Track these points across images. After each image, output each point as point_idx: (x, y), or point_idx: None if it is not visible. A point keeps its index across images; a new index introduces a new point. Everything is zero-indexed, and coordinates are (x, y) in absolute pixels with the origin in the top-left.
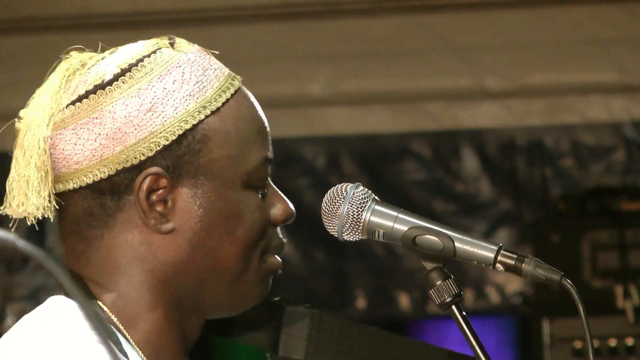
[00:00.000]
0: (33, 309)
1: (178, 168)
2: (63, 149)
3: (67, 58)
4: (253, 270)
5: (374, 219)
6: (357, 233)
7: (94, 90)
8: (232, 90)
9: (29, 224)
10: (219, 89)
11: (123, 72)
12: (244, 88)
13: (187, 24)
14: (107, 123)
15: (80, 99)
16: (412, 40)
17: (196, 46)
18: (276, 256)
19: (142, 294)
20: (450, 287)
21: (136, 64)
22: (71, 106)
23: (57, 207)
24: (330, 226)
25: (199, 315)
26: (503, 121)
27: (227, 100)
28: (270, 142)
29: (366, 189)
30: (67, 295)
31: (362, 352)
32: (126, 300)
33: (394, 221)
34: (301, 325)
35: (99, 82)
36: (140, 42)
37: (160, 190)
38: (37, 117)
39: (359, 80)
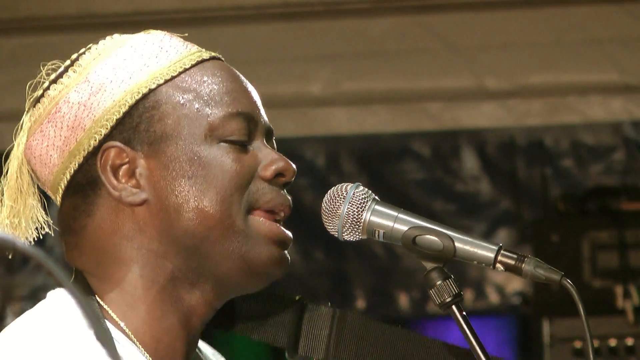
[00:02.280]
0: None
1: (136, 138)
2: (40, 154)
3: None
4: (240, 226)
5: (374, 219)
6: (357, 233)
7: (48, 87)
8: (193, 61)
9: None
10: (178, 61)
11: (72, 62)
12: (220, 62)
13: (187, 24)
14: (65, 113)
15: (39, 99)
16: (412, 40)
17: (163, 32)
18: (272, 223)
19: (135, 275)
20: (450, 287)
21: (84, 53)
22: (33, 109)
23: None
24: (330, 226)
25: (204, 288)
26: (503, 121)
27: (185, 69)
28: (245, 100)
29: (366, 189)
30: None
31: (383, 352)
32: (121, 287)
33: (394, 221)
34: (323, 324)
35: (53, 77)
36: None
37: (125, 165)
38: (17, 139)
39: (359, 80)
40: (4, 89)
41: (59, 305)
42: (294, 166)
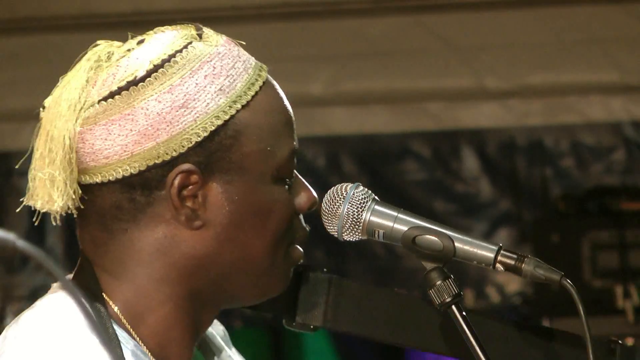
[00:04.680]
0: None
1: (210, 164)
2: (93, 144)
3: (94, 48)
4: (279, 263)
5: (374, 219)
6: (357, 233)
7: (126, 87)
8: (260, 82)
9: (52, 219)
10: (248, 81)
11: (156, 68)
12: (270, 78)
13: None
14: (140, 120)
15: (112, 95)
16: (412, 40)
17: (224, 37)
18: (298, 247)
19: (158, 287)
20: (450, 287)
21: (169, 60)
22: (103, 102)
23: (83, 200)
24: (330, 226)
25: (215, 307)
26: (503, 121)
27: (257, 92)
28: (295, 132)
29: (366, 189)
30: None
31: (381, 315)
32: (140, 293)
33: (393, 221)
34: (320, 290)
35: (131, 78)
36: (168, 33)
37: (191, 186)
38: (63, 111)
39: (359, 80)
40: (4, 88)
41: (63, 306)
42: (316, 196)
